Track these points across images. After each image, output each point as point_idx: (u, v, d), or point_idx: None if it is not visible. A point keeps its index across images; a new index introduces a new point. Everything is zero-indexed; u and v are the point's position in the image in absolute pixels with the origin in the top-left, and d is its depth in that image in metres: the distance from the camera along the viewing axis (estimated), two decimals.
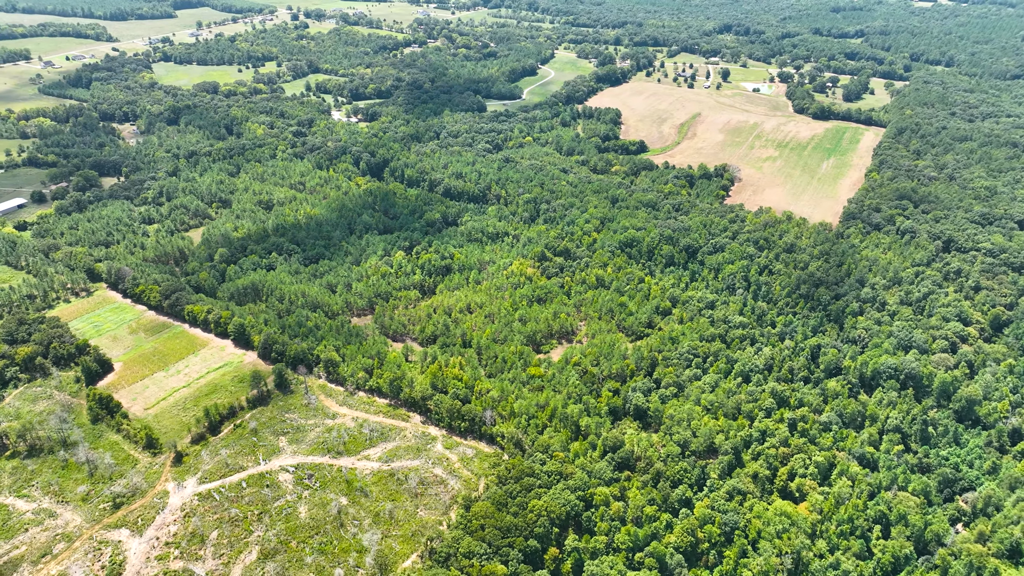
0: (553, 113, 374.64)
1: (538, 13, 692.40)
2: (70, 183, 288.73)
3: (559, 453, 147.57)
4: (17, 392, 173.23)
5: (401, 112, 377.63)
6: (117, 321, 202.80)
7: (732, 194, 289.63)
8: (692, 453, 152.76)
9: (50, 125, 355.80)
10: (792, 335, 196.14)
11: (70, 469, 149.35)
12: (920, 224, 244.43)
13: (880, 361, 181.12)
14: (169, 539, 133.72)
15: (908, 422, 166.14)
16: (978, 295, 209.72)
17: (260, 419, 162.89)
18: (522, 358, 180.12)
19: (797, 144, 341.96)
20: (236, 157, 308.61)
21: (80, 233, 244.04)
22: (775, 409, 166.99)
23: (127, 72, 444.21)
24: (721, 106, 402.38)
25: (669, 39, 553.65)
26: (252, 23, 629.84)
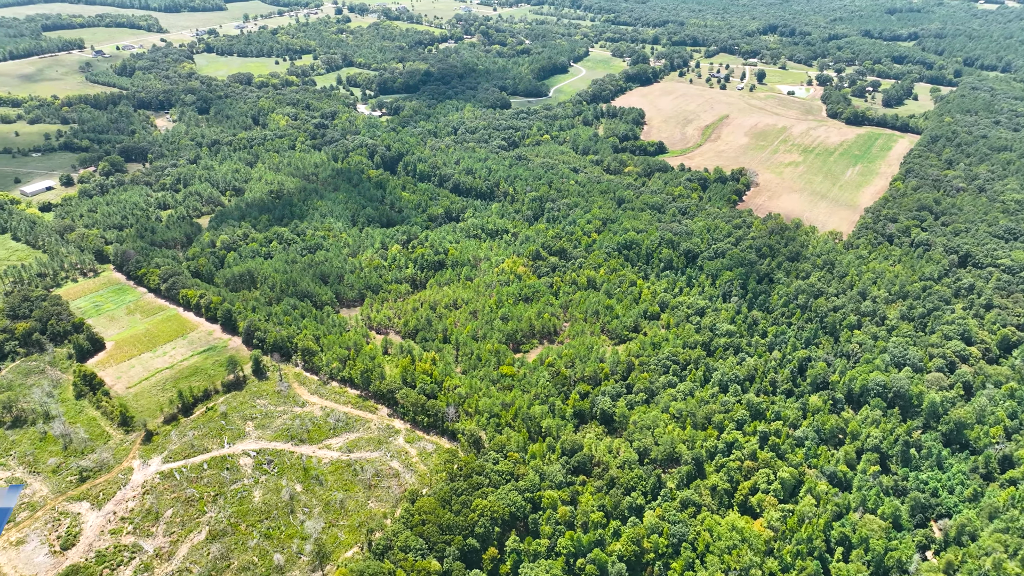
0: (575, 112, 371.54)
1: (580, 11, 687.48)
2: (97, 168, 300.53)
3: (514, 454, 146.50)
4: (13, 365, 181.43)
5: (423, 107, 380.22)
6: (117, 302, 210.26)
7: (746, 199, 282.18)
8: (651, 461, 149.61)
9: (89, 111, 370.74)
10: (782, 346, 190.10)
11: (47, 441, 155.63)
12: (937, 237, 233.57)
13: (869, 378, 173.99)
14: (125, 514, 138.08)
15: (889, 442, 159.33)
16: (989, 313, 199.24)
17: (232, 403, 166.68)
18: (497, 356, 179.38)
19: (824, 150, 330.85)
20: (256, 147, 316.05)
21: (97, 216, 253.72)
22: (748, 421, 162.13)
23: (169, 62, 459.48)
24: (751, 108, 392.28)
25: (709, 39, 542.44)
26: (297, 16, 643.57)
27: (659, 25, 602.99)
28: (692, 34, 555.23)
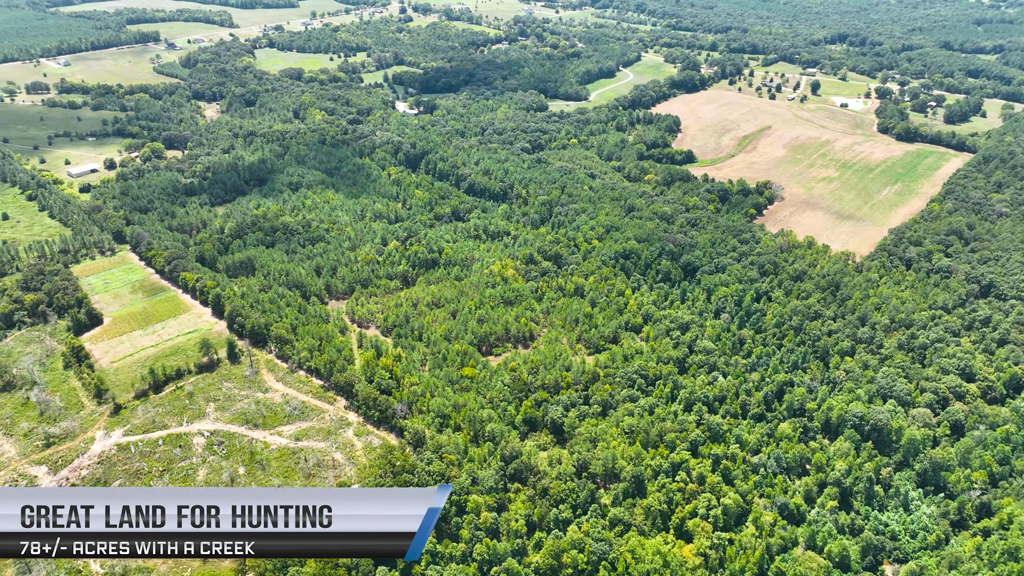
0: (610, 117, 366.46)
1: (644, 15, 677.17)
2: (139, 153, 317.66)
3: (450, 455, 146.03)
4: (19, 334, 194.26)
5: (458, 106, 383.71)
6: (124, 280, 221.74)
7: (767, 213, 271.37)
8: (590, 475, 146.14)
9: (146, 100, 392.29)
10: (763, 368, 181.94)
11: (27, 407, 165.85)
12: (960, 264, 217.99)
13: (848, 408, 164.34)
14: (76, 481, 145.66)
15: (853, 477, 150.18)
16: (1001, 349, 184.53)
17: (199, 384, 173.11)
18: (462, 357, 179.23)
19: (864, 166, 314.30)
20: (288, 140, 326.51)
21: (127, 199, 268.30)
22: (704, 443, 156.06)
23: (230, 56, 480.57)
24: (796, 120, 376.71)
25: (769, 47, 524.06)
26: (361, 15, 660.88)
27: (721, 31, 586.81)
28: (752, 41, 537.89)
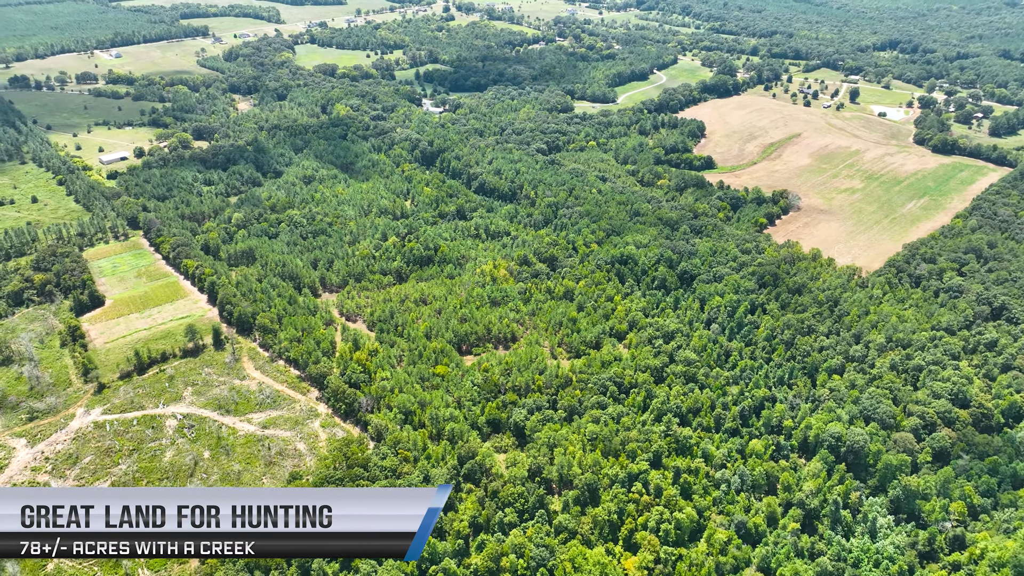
0: (633, 120, 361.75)
1: (688, 17, 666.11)
2: (167, 143, 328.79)
3: (405, 451, 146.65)
4: (26, 312, 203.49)
5: (483, 105, 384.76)
6: (132, 265, 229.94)
7: (779, 223, 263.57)
8: (544, 480, 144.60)
9: (184, 92, 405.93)
10: (746, 381, 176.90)
11: (20, 382, 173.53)
12: (973, 284, 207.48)
13: (826, 427, 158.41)
14: (51, 455, 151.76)
15: (820, 500, 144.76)
16: (1003, 376, 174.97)
17: (181, 368, 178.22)
18: (437, 355, 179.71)
19: (892, 178, 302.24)
20: (309, 134, 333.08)
21: (148, 187, 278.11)
22: (668, 455, 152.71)
23: (270, 51, 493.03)
24: (828, 128, 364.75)
25: (813, 52, 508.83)
26: (404, 13, 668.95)
27: (765, 36, 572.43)
28: (796, 46, 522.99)
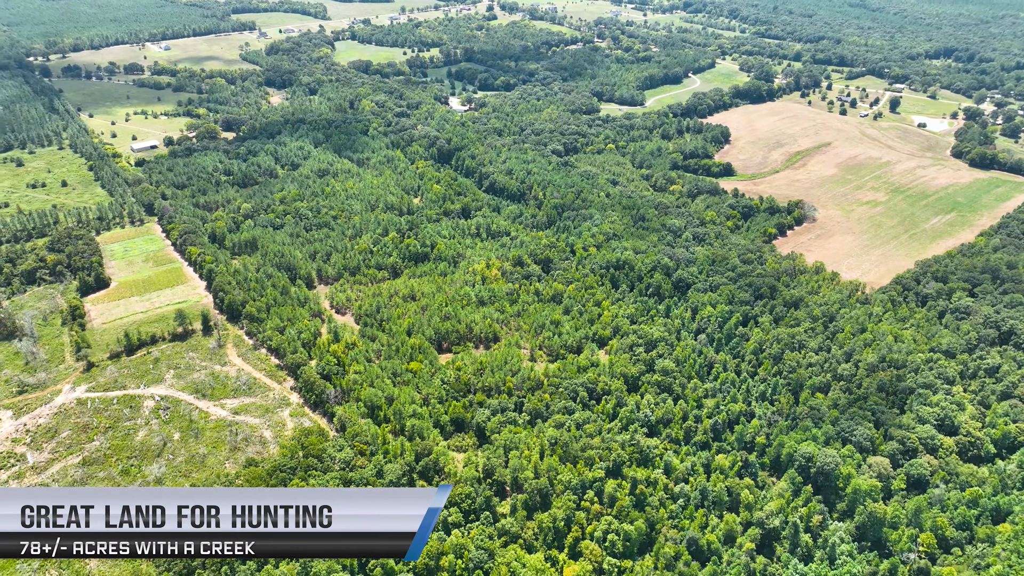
0: (657, 124, 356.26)
1: (735, 21, 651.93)
2: (195, 133, 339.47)
3: (361, 445, 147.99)
4: (37, 290, 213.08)
5: (507, 105, 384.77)
6: (142, 250, 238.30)
7: (790, 234, 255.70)
8: (496, 482, 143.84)
9: (221, 84, 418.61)
10: (724, 394, 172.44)
11: (18, 356, 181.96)
12: (983, 305, 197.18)
13: (797, 447, 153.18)
14: (32, 427, 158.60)
15: (781, 520, 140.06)
16: (1001, 404, 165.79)
17: (167, 352, 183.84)
18: (411, 352, 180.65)
19: (920, 192, 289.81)
20: (330, 128, 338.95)
21: (170, 175, 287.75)
22: (628, 465, 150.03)
23: (309, 46, 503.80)
24: (860, 139, 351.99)
25: (858, 59, 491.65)
26: (447, 12, 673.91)
27: (812, 41, 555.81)
28: (842, 53, 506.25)
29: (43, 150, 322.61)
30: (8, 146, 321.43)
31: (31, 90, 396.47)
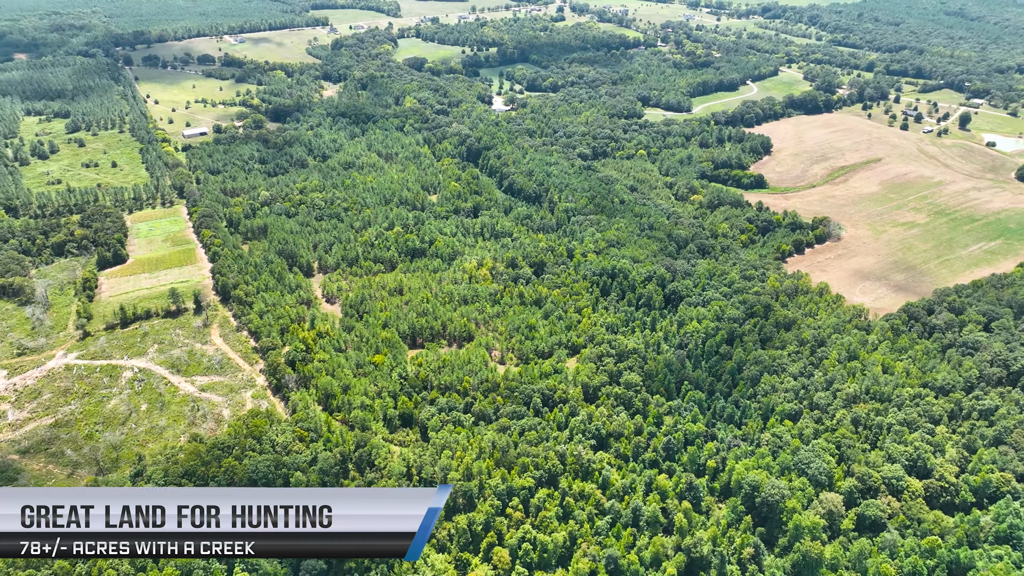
0: (696, 131, 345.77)
1: (814, 28, 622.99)
2: (243, 123, 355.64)
3: (301, 431, 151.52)
4: (63, 262, 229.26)
5: (547, 106, 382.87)
6: (164, 230, 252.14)
7: (808, 253, 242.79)
8: (424, 480, 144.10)
9: (280, 77, 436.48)
10: (684, 413, 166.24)
11: (27, 321, 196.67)
12: (995, 342, 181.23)
13: (746, 475, 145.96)
14: (20, 388, 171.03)
15: (711, 550, 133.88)
16: (989, 450, 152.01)
17: (156, 327, 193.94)
18: (379, 343, 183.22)
19: (967, 215, 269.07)
20: (368, 123, 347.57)
21: (208, 161, 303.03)
22: (565, 476, 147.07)
23: (372, 43, 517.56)
24: (915, 156, 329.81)
25: (937, 71, 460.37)
26: (518, 12, 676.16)
27: (891, 51, 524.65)
28: (921, 64, 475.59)
29: (105, 132, 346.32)
30: (76, 127, 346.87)
31: (109, 77, 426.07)
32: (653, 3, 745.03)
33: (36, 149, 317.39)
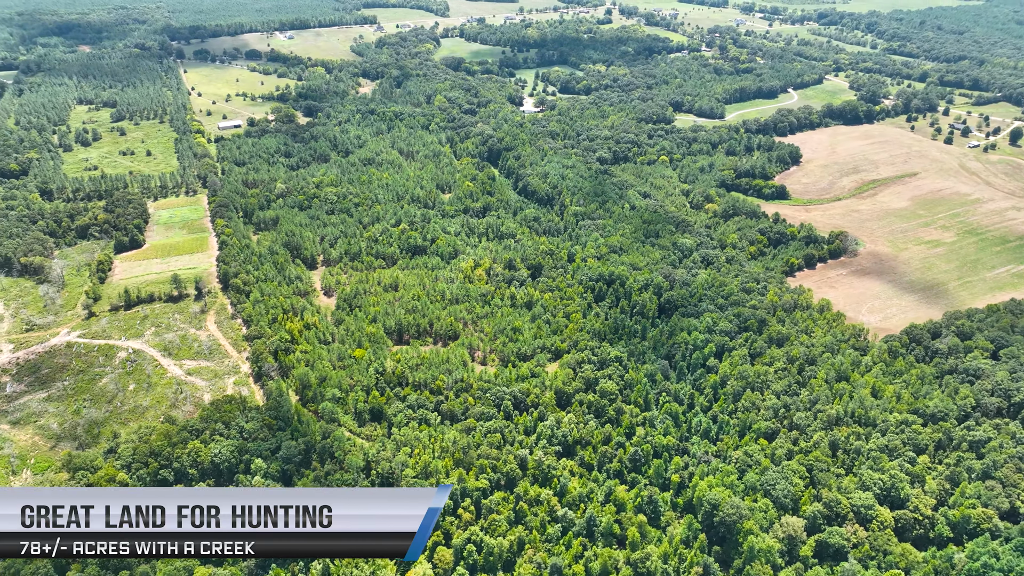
0: (724, 138, 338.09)
1: (871, 35, 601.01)
2: (275, 116, 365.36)
3: (270, 420, 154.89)
4: (84, 244, 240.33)
5: (575, 108, 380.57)
6: (184, 217, 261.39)
7: (819, 268, 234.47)
8: (380, 475, 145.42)
9: (320, 73, 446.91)
10: (654, 425, 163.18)
11: (40, 299, 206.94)
12: (999, 370, 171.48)
13: (707, 492, 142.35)
14: (22, 362, 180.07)
15: (659, 567, 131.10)
16: (974, 484, 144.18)
17: (156, 311, 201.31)
18: (362, 337, 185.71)
19: (999, 236, 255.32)
20: (395, 120, 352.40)
21: (236, 152, 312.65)
22: (522, 479, 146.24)
23: (414, 41, 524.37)
24: (957, 171, 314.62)
25: (995, 83, 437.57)
26: (565, 14, 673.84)
27: (949, 61, 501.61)
28: (978, 75, 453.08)
29: (147, 122, 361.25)
30: (120, 116, 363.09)
31: (159, 70, 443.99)
32: (705, 7, 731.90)
33: (80, 136, 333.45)
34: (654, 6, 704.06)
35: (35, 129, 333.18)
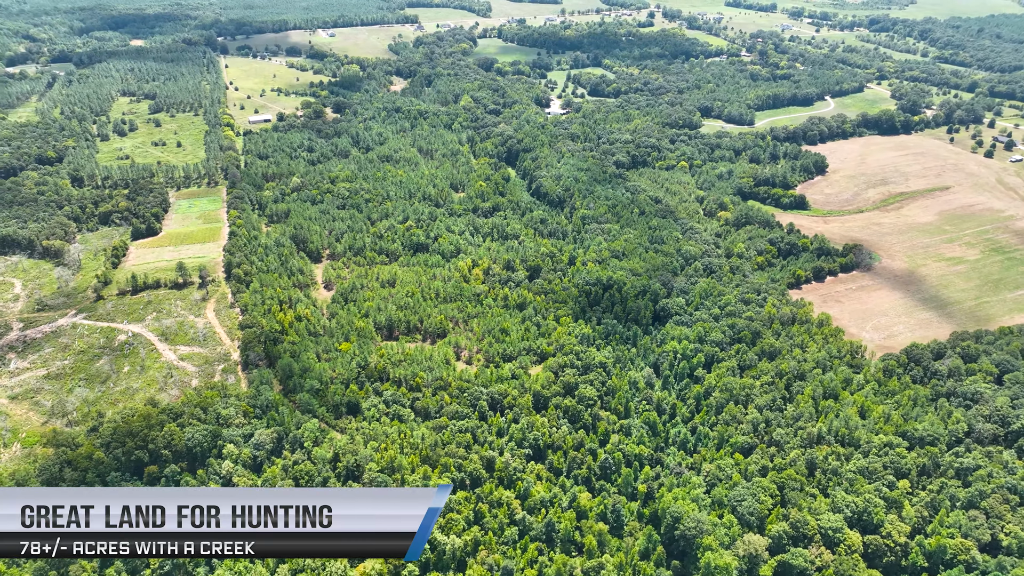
0: (749, 145, 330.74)
1: (923, 43, 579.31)
2: (304, 112, 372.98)
3: (247, 407, 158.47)
4: (105, 230, 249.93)
5: (600, 111, 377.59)
6: (202, 208, 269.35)
7: (829, 281, 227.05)
8: (347, 468, 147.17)
9: (354, 71, 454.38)
10: (630, 433, 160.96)
11: (56, 281, 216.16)
12: (999, 396, 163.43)
13: (672, 505, 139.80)
14: (28, 340, 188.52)
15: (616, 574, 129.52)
16: (955, 513, 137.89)
17: (159, 297, 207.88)
18: (349, 331, 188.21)
19: None
20: (419, 118, 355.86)
21: (261, 146, 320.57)
22: (487, 480, 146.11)
23: (450, 41, 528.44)
24: (993, 186, 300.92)
25: None
26: (607, 16, 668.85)
27: (1004, 71, 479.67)
28: None
29: (183, 115, 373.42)
30: (158, 108, 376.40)
31: (201, 64, 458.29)
32: (752, 12, 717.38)
33: (118, 127, 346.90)
34: (700, 9, 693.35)
35: (76, 119, 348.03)
